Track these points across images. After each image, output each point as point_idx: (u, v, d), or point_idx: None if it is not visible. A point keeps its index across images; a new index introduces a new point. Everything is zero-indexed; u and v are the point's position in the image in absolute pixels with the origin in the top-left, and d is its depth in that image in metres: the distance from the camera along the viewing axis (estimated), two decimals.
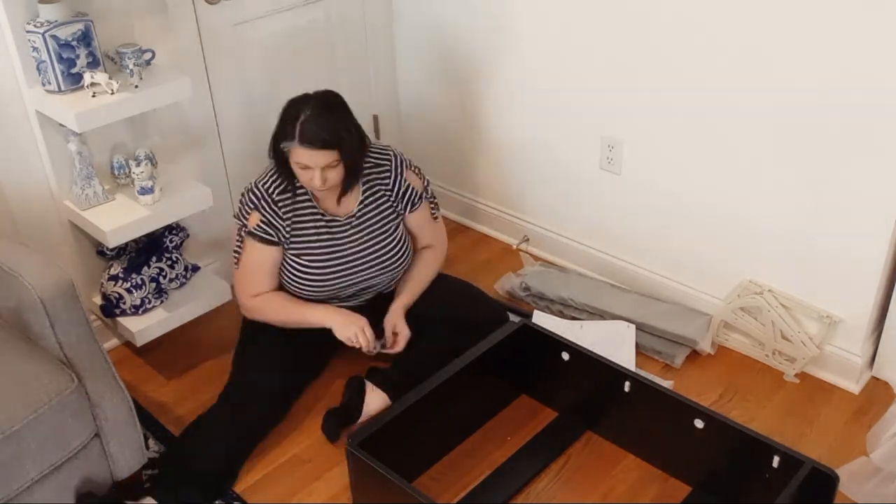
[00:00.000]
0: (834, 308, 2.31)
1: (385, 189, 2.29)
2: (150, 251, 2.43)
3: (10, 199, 2.27)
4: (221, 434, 2.14)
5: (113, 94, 2.11)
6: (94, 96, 2.11)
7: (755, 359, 2.48)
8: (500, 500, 2.06)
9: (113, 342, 2.61)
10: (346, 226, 2.24)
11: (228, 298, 2.54)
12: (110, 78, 2.11)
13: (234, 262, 2.31)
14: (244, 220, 2.24)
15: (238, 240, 2.28)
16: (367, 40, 3.01)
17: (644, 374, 2.29)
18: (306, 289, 2.30)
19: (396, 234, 2.33)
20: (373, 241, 2.28)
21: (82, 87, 2.13)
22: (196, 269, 2.57)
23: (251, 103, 2.73)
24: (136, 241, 2.42)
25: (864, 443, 2.18)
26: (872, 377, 2.39)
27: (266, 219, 2.20)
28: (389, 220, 2.30)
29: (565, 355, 2.19)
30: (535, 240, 2.99)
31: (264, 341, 2.30)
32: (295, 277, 2.29)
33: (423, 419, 2.06)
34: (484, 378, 2.22)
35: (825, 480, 1.80)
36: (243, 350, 2.33)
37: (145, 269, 2.39)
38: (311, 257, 2.25)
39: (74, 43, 2.11)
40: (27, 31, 2.08)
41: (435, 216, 2.43)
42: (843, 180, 2.15)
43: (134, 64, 2.16)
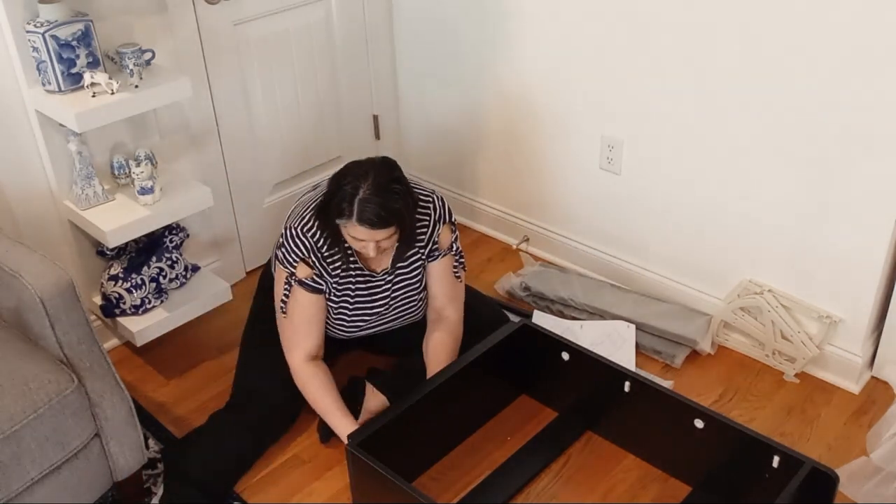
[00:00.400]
0: (834, 308, 2.31)
1: (419, 244, 2.20)
2: (150, 251, 2.43)
3: (10, 199, 2.27)
4: (229, 443, 2.15)
5: (113, 94, 2.11)
6: (94, 96, 2.11)
7: (755, 359, 2.48)
8: (500, 500, 2.05)
9: (113, 342, 2.61)
10: (381, 280, 2.21)
11: (228, 298, 2.54)
12: (110, 78, 2.11)
13: (281, 312, 2.17)
14: (292, 269, 2.11)
15: (286, 288, 2.15)
16: (367, 40, 3.01)
17: (644, 374, 2.29)
18: (334, 332, 2.27)
19: (423, 283, 2.27)
20: (402, 291, 2.24)
21: (82, 87, 2.13)
22: (196, 269, 2.57)
23: (251, 103, 2.73)
24: (136, 241, 2.42)
25: (864, 443, 2.18)
26: (872, 377, 2.39)
27: (317, 273, 2.12)
28: (418, 271, 2.24)
29: (565, 355, 2.19)
30: (535, 240, 2.99)
31: (273, 349, 2.26)
32: (326, 322, 2.25)
33: (423, 419, 2.06)
34: (484, 378, 2.22)
35: (825, 480, 1.80)
36: (250, 357, 2.32)
37: (145, 269, 2.39)
38: (345, 308, 2.21)
39: (74, 43, 2.11)
40: (27, 31, 2.08)
41: (458, 275, 2.27)
42: (844, 180, 2.15)
43: (134, 64, 2.16)
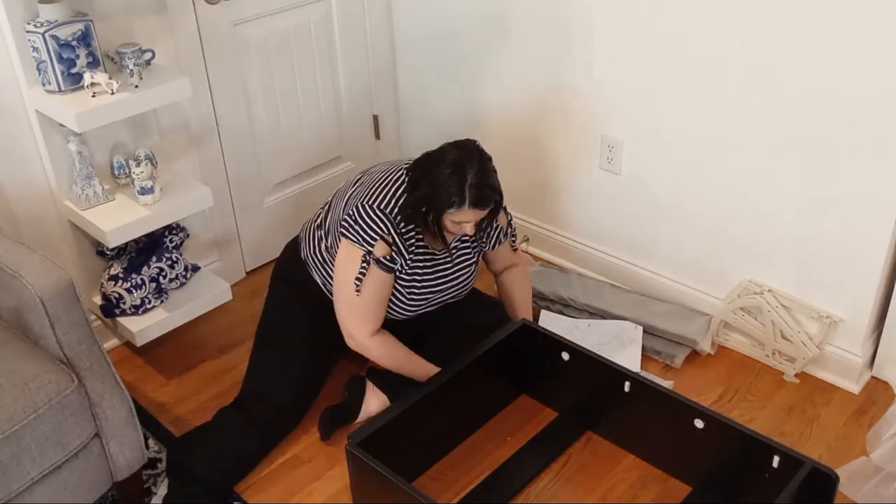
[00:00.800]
0: (834, 308, 2.31)
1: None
2: (150, 251, 2.43)
3: (10, 199, 2.27)
4: (232, 442, 2.15)
5: (113, 94, 2.11)
6: (94, 96, 2.11)
7: (755, 359, 2.48)
8: (500, 500, 2.05)
9: (113, 342, 2.61)
10: (442, 259, 2.24)
11: (228, 298, 2.54)
12: (110, 78, 2.11)
13: (355, 290, 2.13)
14: (369, 247, 2.10)
15: (364, 266, 2.12)
16: (367, 40, 3.01)
17: (644, 374, 2.29)
18: (394, 309, 2.27)
19: (476, 263, 2.33)
20: (459, 271, 2.28)
21: (82, 87, 2.12)
22: (196, 269, 2.57)
23: (251, 103, 2.73)
24: (136, 241, 2.42)
25: (864, 443, 2.18)
26: (872, 377, 2.39)
27: (395, 251, 2.13)
28: (474, 253, 2.30)
29: (565, 355, 2.19)
30: (535, 240, 2.99)
31: (284, 347, 2.27)
32: (391, 303, 2.25)
33: (423, 419, 2.06)
34: (484, 378, 2.22)
35: (825, 480, 1.80)
36: (261, 354, 2.31)
37: (145, 269, 2.39)
38: (415, 286, 2.23)
39: (74, 43, 2.11)
40: (27, 31, 2.08)
41: (515, 248, 2.41)
42: (844, 180, 2.15)
43: (134, 64, 2.16)
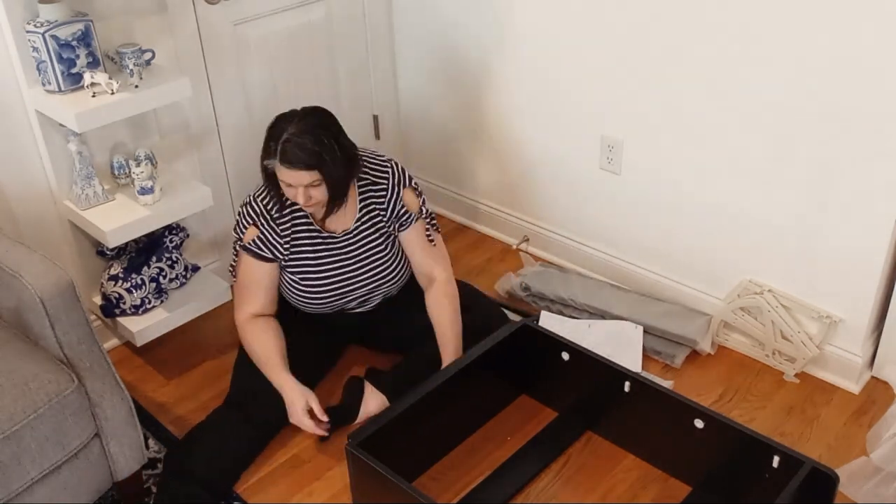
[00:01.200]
0: (834, 308, 2.31)
1: (380, 208, 2.25)
2: (150, 251, 2.43)
3: (10, 199, 2.27)
4: (229, 441, 2.15)
5: (113, 94, 2.11)
6: (94, 96, 2.11)
7: (755, 359, 2.48)
8: (500, 500, 2.05)
9: (113, 342, 2.61)
10: (342, 242, 2.23)
11: (228, 298, 2.54)
12: (110, 78, 2.11)
13: (230, 275, 2.32)
14: (240, 234, 2.23)
15: (234, 253, 2.28)
16: (367, 40, 3.01)
17: (644, 374, 2.29)
18: (305, 303, 2.30)
19: (393, 250, 2.31)
20: (369, 256, 2.26)
21: (82, 87, 2.13)
22: (196, 269, 2.57)
23: (251, 103, 2.73)
24: (136, 241, 2.42)
25: (864, 443, 2.18)
26: (872, 377, 2.39)
27: (263, 236, 2.19)
28: (385, 237, 2.28)
29: (565, 355, 2.19)
30: (535, 240, 2.99)
31: None
32: (295, 292, 2.29)
33: (423, 419, 2.06)
34: (484, 378, 2.22)
35: (825, 480, 1.80)
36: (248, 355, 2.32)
37: (145, 269, 2.39)
38: (307, 273, 2.24)
39: (74, 43, 2.11)
40: (27, 31, 2.08)
41: (431, 238, 2.33)
42: (844, 180, 2.15)
43: (134, 64, 2.16)
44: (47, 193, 2.32)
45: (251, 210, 2.21)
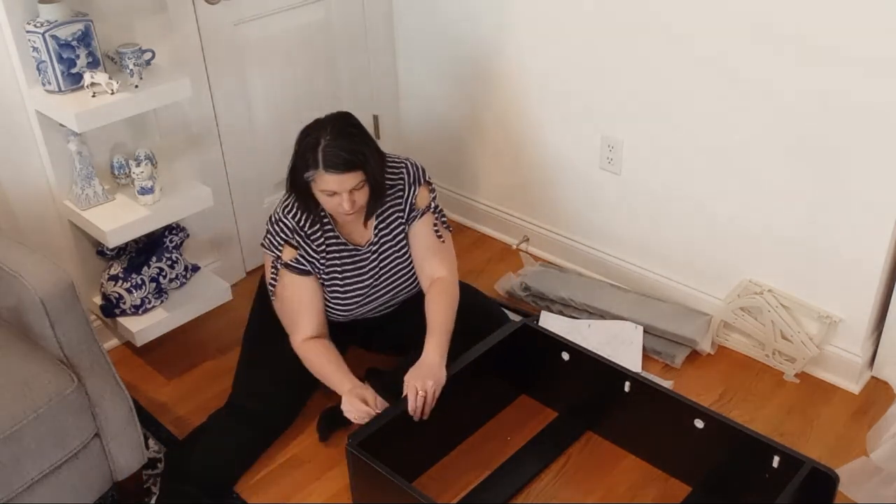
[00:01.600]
0: (834, 308, 2.31)
1: (398, 210, 2.21)
2: (150, 251, 2.43)
3: (10, 199, 2.27)
4: (230, 443, 2.15)
5: (113, 94, 2.11)
6: (94, 96, 2.11)
7: (755, 359, 2.48)
8: (500, 500, 2.05)
9: (113, 342, 2.61)
10: (367, 253, 2.21)
11: (228, 298, 2.54)
12: (110, 78, 2.11)
13: (271, 295, 2.21)
14: (278, 252, 2.14)
15: (273, 272, 2.18)
16: (368, 40, 3.01)
17: (644, 374, 2.29)
18: (331, 313, 2.26)
19: (410, 252, 2.28)
20: (391, 265, 2.24)
21: (82, 87, 2.12)
22: (196, 269, 2.57)
23: (251, 103, 2.73)
24: (136, 241, 2.42)
25: (864, 443, 2.18)
26: (872, 377, 2.39)
27: (302, 253, 2.14)
28: (404, 241, 2.24)
29: (565, 355, 2.19)
30: (535, 240, 2.99)
31: (273, 348, 2.26)
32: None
33: (424, 419, 2.06)
34: (484, 378, 2.22)
35: (825, 480, 1.80)
36: (250, 356, 2.31)
37: (145, 269, 2.39)
38: (335, 286, 2.21)
39: (74, 43, 2.11)
40: (27, 31, 2.08)
41: (439, 234, 2.26)
42: (844, 180, 2.15)
43: (134, 64, 2.16)
44: (47, 193, 2.32)
45: (284, 227, 2.13)
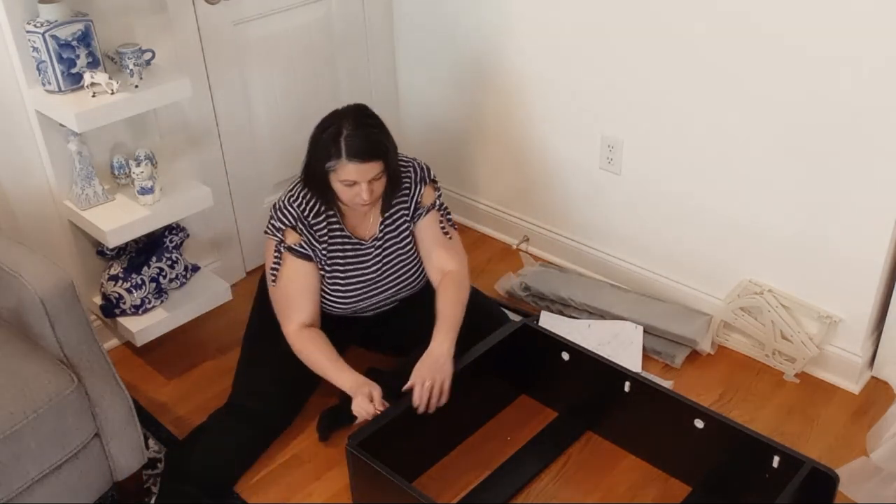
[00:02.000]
0: (834, 308, 2.31)
1: (404, 208, 2.23)
2: (150, 251, 2.43)
3: (10, 199, 2.27)
4: (230, 443, 2.15)
5: (113, 94, 2.11)
6: (94, 96, 2.11)
7: (755, 359, 2.48)
8: (500, 500, 2.06)
9: (113, 342, 2.61)
10: (371, 248, 2.21)
11: (228, 298, 2.54)
12: (110, 78, 2.11)
13: (271, 280, 2.19)
14: (280, 236, 2.14)
15: (276, 256, 2.17)
16: (367, 40, 3.01)
17: (644, 374, 2.29)
18: (333, 306, 2.27)
19: (415, 251, 2.28)
20: (394, 261, 2.24)
21: (82, 87, 2.12)
22: (196, 269, 2.57)
23: (251, 103, 2.73)
24: (136, 241, 2.42)
25: (864, 443, 2.18)
26: (872, 377, 2.39)
27: (305, 240, 2.15)
28: (408, 239, 2.25)
29: (565, 355, 2.19)
30: (535, 240, 2.99)
31: (273, 348, 2.25)
32: (324, 297, 2.26)
33: (423, 419, 2.06)
34: (484, 378, 2.22)
35: (825, 480, 1.80)
36: (250, 356, 2.31)
37: (145, 269, 2.39)
38: (336, 278, 2.21)
39: (74, 43, 2.11)
40: (27, 31, 2.08)
41: (445, 231, 2.27)
42: (844, 180, 2.15)
43: (134, 64, 2.16)
44: (47, 193, 2.32)
45: (288, 214, 2.13)
